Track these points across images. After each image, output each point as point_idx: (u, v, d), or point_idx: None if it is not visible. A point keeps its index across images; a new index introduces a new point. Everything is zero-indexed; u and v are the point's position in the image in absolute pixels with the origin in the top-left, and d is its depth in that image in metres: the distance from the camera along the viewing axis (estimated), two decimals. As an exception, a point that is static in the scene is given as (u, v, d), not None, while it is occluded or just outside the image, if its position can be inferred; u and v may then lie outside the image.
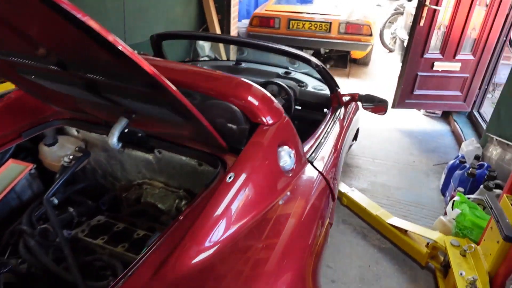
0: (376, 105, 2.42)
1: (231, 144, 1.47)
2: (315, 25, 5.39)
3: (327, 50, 5.83)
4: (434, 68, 3.77)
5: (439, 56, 3.73)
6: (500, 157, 2.75)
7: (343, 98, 2.53)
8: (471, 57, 3.75)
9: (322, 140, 2.00)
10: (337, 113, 2.44)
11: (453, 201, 2.34)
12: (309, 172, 1.64)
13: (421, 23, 3.53)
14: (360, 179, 3.14)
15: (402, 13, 6.84)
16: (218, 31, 5.10)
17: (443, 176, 3.02)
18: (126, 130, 1.44)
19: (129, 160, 1.79)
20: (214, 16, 5.03)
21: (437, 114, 4.31)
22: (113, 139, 1.41)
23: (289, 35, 5.49)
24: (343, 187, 2.85)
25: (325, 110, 2.57)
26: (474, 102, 4.01)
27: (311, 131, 2.17)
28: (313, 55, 5.90)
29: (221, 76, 1.66)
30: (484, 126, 3.77)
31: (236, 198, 1.26)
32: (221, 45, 5.20)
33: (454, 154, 3.56)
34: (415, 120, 4.23)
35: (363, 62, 5.98)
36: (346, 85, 5.20)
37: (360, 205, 2.66)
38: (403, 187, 3.06)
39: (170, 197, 1.69)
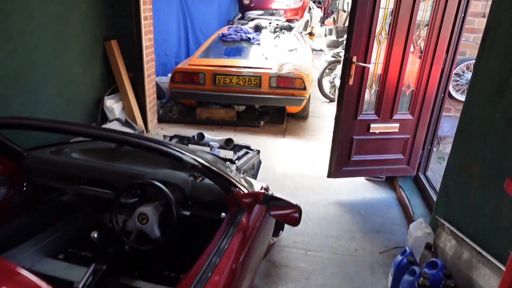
0: (285, 210, 1.75)
1: None
2: (244, 80, 4.86)
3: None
4: (371, 131, 3.26)
5: (375, 117, 3.24)
6: (455, 253, 2.16)
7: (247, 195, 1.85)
8: (409, 116, 3.29)
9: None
10: (237, 220, 1.75)
11: None
12: None
13: (350, 82, 3.03)
14: (288, 286, 2.42)
15: (339, 62, 6.56)
16: (129, 91, 4.40)
17: (390, 277, 2.38)
18: None
19: None
20: (124, 74, 4.35)
21: (381, 178, 3.78)
22: None
23: (216, 91, 4.90)
24: (261, 310, 2.12)
25: (223, 214, 1.87)
26: (419, 164, 3.52)
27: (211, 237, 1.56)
28: (246, 110, 5.35)
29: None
30: (432, 193, 3.26)
31: None
32: (135, 106, 4.49)
33: (403, 233, 2.97)
34: (356, 187, 3.66)
35: (301, 116, 5.49)
36: (281, 145, 4.61)
37: None
38: (343, 294, 2.38)
39: None
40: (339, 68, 6.92)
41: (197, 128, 4.99)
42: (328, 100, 6.67)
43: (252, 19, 6.42)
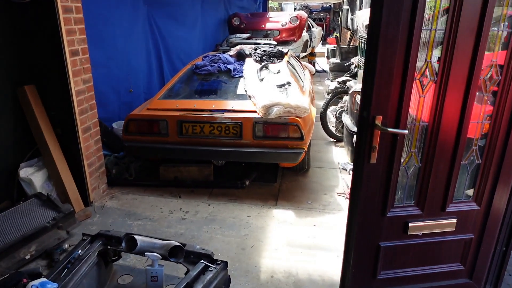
0: None
1: None
2: (220, 128, 3.60)
3: (246, 158, 4.01)
4: (410, 233, 1.94)
5: (416, 211, 1.92)
6: None
7: None
8: (474, 206, 1.98)
9: None
10: None
11: None
12: None
13: (373, 160, 1.74)
14: None
15: (346, 92, 5.31)
16: (56, 153, 3.15)
17: None
18: None
19: None
20: (46, 131, 3.11)
21: None
22: None
23: (183, 144, 3.63)
24: None
25: None
26: (487, 275, 2.18)
27: None
28: (227, 163, 4.09)
29: None
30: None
31: None
32: (65, 172, 3.23)
33: None
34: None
35: (300, 168, 4.19)
36: (271, 221, 3.28)
37: None
38: None
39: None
40: (346, 99, 5.66)
41: (160, 194, 3.72)
42: (334, 140, 5.38)
43: (235, 44, 5.21)
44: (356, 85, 4.25)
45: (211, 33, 8.03)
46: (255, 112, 3.60)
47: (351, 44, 7.05)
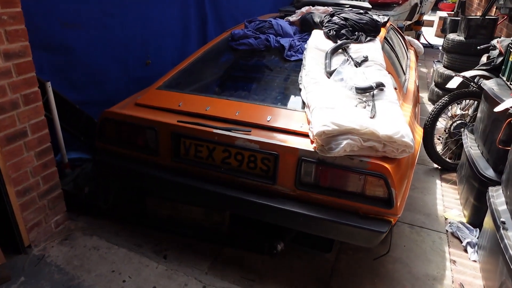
0: None
1: None
2: (239, 157, 2.01)
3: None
4: None
5: None
6: None
7: None
8: None
9: None
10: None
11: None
12: None
13: None
14: None
15: (476, 95, 3.27)
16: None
17: None
18: None
19: None
20: None
21: None
22: None
23: (177, 174, 2.14)
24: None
25: None
26: None
27: None
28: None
29: None
30: None
31: None
32: None
33: None
34: None
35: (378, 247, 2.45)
36: None
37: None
38: None
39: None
40: (471, 104, 3.61)
41: (139, 243, 2.35)
42: (440, 167, 3.46)
43: (304, 4, 3.39)
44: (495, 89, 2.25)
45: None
46: (306, 136, 1.94)
47: (488, 14, 4.70)
